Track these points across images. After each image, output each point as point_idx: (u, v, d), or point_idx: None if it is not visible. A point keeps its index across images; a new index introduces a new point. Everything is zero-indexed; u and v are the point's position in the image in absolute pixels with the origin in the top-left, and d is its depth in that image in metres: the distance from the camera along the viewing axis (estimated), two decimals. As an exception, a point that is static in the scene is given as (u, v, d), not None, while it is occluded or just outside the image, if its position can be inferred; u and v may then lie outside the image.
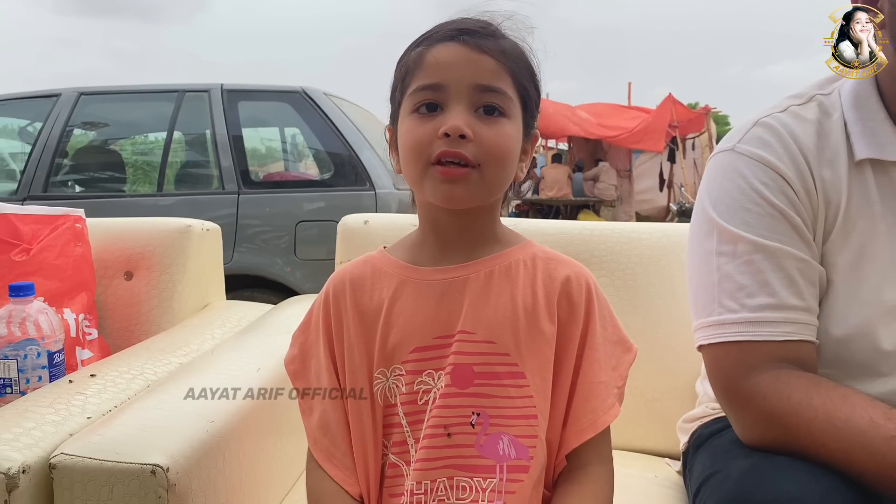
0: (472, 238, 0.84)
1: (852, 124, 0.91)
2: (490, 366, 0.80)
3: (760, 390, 0.84)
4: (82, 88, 3.61)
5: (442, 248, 0.84)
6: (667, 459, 1.28)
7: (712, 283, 0.90)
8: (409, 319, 0.82)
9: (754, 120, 0.95)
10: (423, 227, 0.86)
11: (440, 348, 0.81)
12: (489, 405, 0.80)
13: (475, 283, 0.82)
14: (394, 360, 0.82)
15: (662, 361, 1.31)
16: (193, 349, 1.33)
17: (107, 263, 1.56)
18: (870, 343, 0.87)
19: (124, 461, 0.83)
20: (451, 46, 0.78)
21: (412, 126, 0.78)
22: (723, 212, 0.91)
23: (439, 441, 0.79)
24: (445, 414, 0.79)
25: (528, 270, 0.84)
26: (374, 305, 0.84)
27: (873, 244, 0.88)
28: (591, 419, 0.81)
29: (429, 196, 0.79)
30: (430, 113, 0.77)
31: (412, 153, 0.78)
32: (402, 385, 0.81)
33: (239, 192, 3.30)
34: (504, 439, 0.80)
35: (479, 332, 0.81)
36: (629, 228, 1.41)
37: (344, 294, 0.86)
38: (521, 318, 0.81)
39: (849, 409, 0.78)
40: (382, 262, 0.87)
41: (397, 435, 0.82)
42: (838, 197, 0.89)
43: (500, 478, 0.79)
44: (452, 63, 0.77)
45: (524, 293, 0.82)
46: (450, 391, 0.80)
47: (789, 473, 0.77)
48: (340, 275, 0.88)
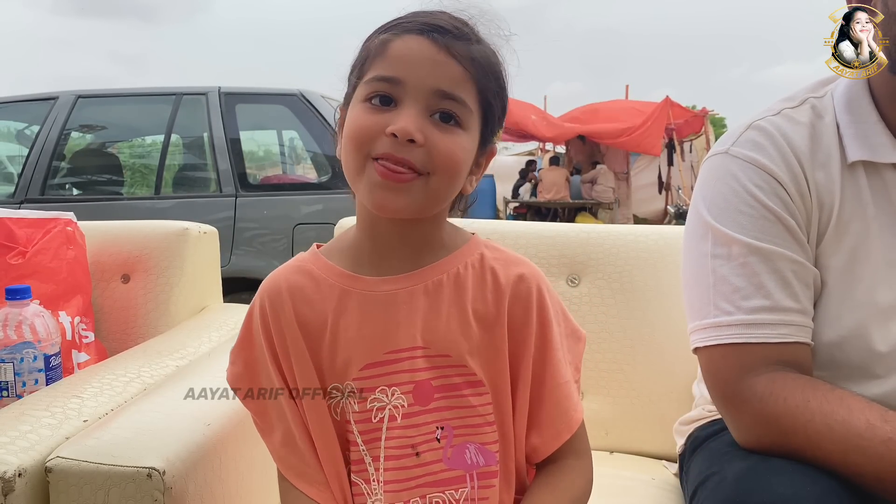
0: (415, 246, 0.80)
1: (845, 127, 0.91)
2: (448, 378, 0.78)
3: (757, 393, 0.84)
4: (80, 91, 3.61)
5: (382, 255, 0.79)
6: (664, 462, 1.28)
7: (707, 285, 0.90)
8: (356, 334, 0.78)
9: (748, 123, 0.95)
10: (361, 231, 0.80)
11: (392, 363, 0.77)
12: (452, 417, 0.78)
13: (424, 296, 0.78)
14: (344, 377, 0.78)
15: (659, 364, 1.31)
16: (190, 352, 1.33)
17: (104, 266, 1.56)
18: (864, 345, 0.88)
19: (120, 464, 0.83)
20: (418, 41, 0.72)
21: (360, 115, 0.72)
22: (717, 214, 0.91)
23: (408, 461, 0.78)
24: (411, 434, 0.78)
25: (477, 274, 0.80)
26: (317, 318, 0.78)
27: (866, 246, 0.89)
28: (565, 421, 0.81)
29: (363, 198, 0.74)
30: (383, 106, 0.72)
31: (353, 144, 0.72)
32: (354, 403, 0.78)
33: (236, 194, 3.30)
34: (471, 448, 0.78)
35: (433, 347, 0.78)
36: (625, 231, 1.41)
37: (281, 305, 0.79)
38: (473, 327, 0.78)
39: (846, 411, 0.78)
40: (320, 269, 0.80)
41: (354, 453, 0.79)
42: (831, 199, 0.90)
43: (471, 486, 0.79)
44: (416, 60, 0.72)
45: (475, 300, 0.79)
46: (412, 410, 0.77)
47: (785, 475, 0.77)
48: (275, 284, 0.80)
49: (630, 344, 1.33)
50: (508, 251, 0.84)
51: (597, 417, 1.33)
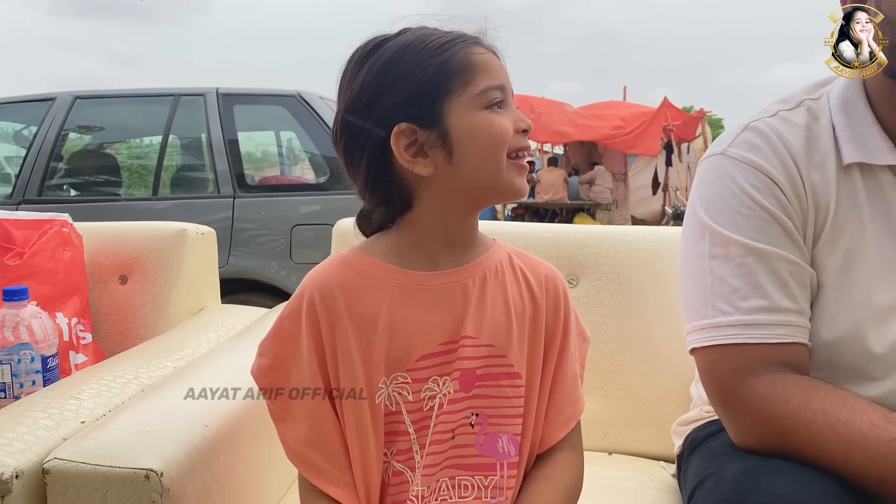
0: (467, 241, 0.85)
1: (840, 128, 0.92)
2: (489, 368, 0.83)
3: (758, 393, 0.84)
4: (77, 92, 3.60)
5: (437, 252, 0.83)
6: (661, 462, 1.28)
7: (705, 285, 0.90)
8: (413, 327, 0.81)
9: (744, 124, 0.95)
10: (421, 231, 0.83)
11: (445, 354, 0.81)
12: (487, 405, 0.83)
13: (473, 288, 0.83)
14: (398, 367, 0.81)
15: (657, 364, 1.32)
16: (188, 353, 1.33)
17: (101, 267, 1.56)
18: (860, 346, 0.88)
19: (118, 466, 0.82)
20: (483, 51, 0.80)
21: (496, 119, 0.78)
22: (714, 215, 0.91)
23: (445, 445, 0.81)
24: (454, 419, 0.81)
25: (512, 272, 0.86)
26: (369, 312, 0.81)
27: (862, 247, 0.89)
28: (572, 410, 0.88)
29: (505, 188, 0.80)
30: (500, 110, 0.79)
31: (501, 145, 0.78)
32: (409, 393, 0.81)
33: (234, 195, 3.29)
34: (503, 438, 0.83)
35: (481, 337, 0.82)
36: (623, 232, 1.41)
37: (334, 299, 0.81)
38: (514, 321, 0.84)
39: (848, 411, 0.78)
40: (368, 266, 0.83)
41: (402, 443, 0.81)
42: (827, 200, 0.90)
43: (500, 475, 0.83)
44: (499, 67, 0.81)
45: (514, 295, 0.85)
46: (456, 396, 0.81)
47: (784, 476, 0.77)
48: (323, 279, 0.83)
49: (628, 345, 1.33)
50: (527, 253, 0.91)
51: (595, 418, 1.33)
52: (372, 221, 0.86)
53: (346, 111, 0.80)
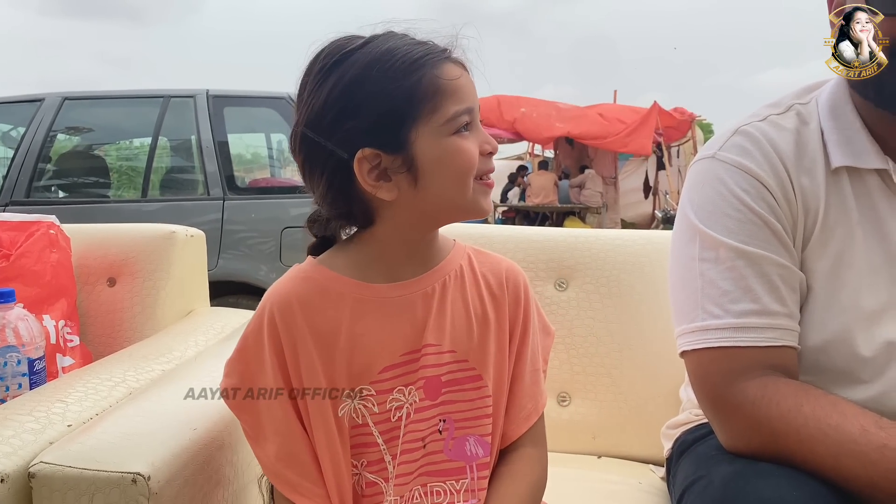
0: (427, 252, 0.85)
1: (829, 133, 0.92)
2: (453, 373, 0.84)
3: (748, 397, 0.84)
4: (66, 93, 3.58)
5: (398, 265, 0.83)
6: (651, 466, 1.28)
7: (695, 288, 0.91)
8: (374, 339, 0.81)
9: (734, 128, 0.96)
10: (382, 247, 0.83)
11: (409, 364, 0.82)
12: (454, 410, 0.84)
13: (433, 296, 0.83)
14: (361, 380, 0.81)
15: (646, 368, 1.32)
16: (176, 356, 1.32)
17: (89, 270, 1.55)
18: (848, 349, 0.88)
19: (104, 469, 0.82)
20: (453, 68, 0.78)
21: (465, 145, 0.77)
22: (704, 218, 0.91)
23: (417, 454, 0.82)
24: (422, 427, 0.82)
25: (471, 273, 0.87)
26: (329, 326, 0.81)
27: (851, 251, 0.89)
28: (533, 405, 0.89)
29: (471, 210, 0.80)
30: (468, 133, 0.78)
31: (468, 171, 0.78)
32: (374, 405, 0.82)
33: (224, 197, 3.28)
34: (470, 440, 0.84)
35: (443, 344, 0.83)
36: (613, 235, 1.41)
37: (293, 315, 0.81)
38: (474, 324, 0.85)
39: (839, 416, 0.78)
40: (328, 280, 0.82)
41: (373, 454, 0.82)
42: (816, 204, 0.90)
43: (471, 477, 0.84)
44: (467, 86, 0.79)
45: (473, 298, 0.86)
46: (423, 405, 0.82)
47: (772, 479, 0.77)
48: (282, 295, 0.82)
49: (617, 348, 1.33)
50: (487, 251, 0.91)
51: (584, 421, 1.33)
52: (327, 228, 0.85)
53: (308, 126, 0.78)
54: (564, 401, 1.36)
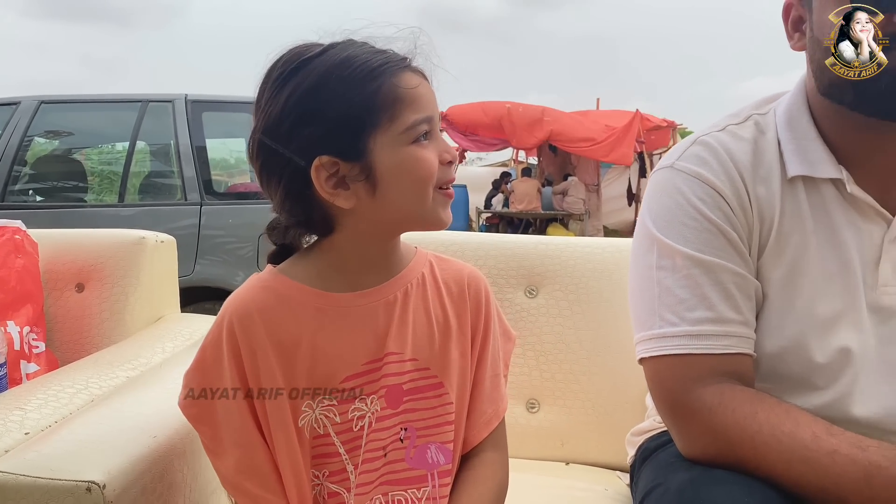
0: (389, 261, 0.85)
1: (785, 143, 0.93)
2: (415, 381, 0.84)
3: (705, 404, 0.84)
4: (43, 97, 3.55)
5: (359, 274, 0.83)
6: (618, 472, 1.28)
7: (653, 296, 0.91)
8: (336, 349, 0.81)
9: (694, 138, 0.97)
10: (342, 255, 0.82)
11: (371, 373, 0.82)
12: (416, 419, 0.84)
13: (394, 306, 0.83)
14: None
15: (614, 375, 1.32)
16: (142, 363, 1.31)
17: (57, 275, 1.54)
18: (804, 356, 0.89)
19: (59, 478, 0.80)
20: (413, 76, 0.77)
21: (424, 154, 0.77)
22: (662, 227, 0.92)
23: (378, 463, 0.82)
24: (383, 437, 0.82)
25: (433, 281, 0.87)
26: (290, 336, 0.80)
27: (805, 259, 0.90)
28: (494, 409, 0.89)
29: (430, 220, 0.80)
30: (427, 142, 0.78)
31: (427, 181, 0.77)
32: (336, 415, 0.81)
33: (202, 202, 3.27)
34: (431, 448, 0.84)
35: (405, 352, 0.83)
36: (583, 243, 1.42)
37: (252, 325, 0.79)
38: (436, 332, 0.85)
39: (792, 423, 0.79)
40: (288, 290, 0.81)
41: (335, 464, 0.81)
42: (772, 213, 0.91)
43: (432, 485, 0.84)
44: (426, 95, 0.78)
45: (435, 305, 0.86)
46: (384, 413, 0.82)
47: (725, 486, 0.77)
48: (241, 305, 0.81)
49: (586, 355, 1.34)
50: (448, 258, 0.91)
51: (553, 428, 1.34)
52: (287, 236, 0.84)
53: (265, 133, 0.77)
54: (534, 407, 1.36)
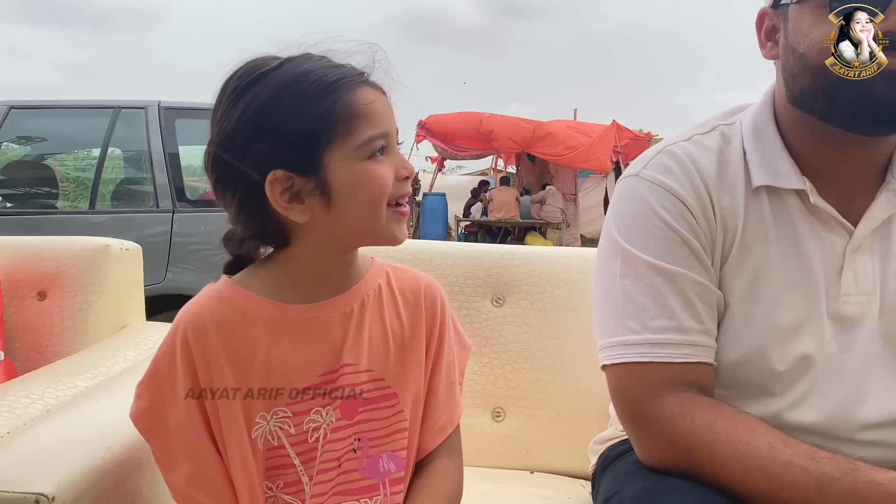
0: (345, 273, 0.85)
1: (751, 153, 0.94)
2: (369, 392, 0.84)
3: (665, 412, 0.85)
4: (12, 102, 3.51)
5: (315, 286, 0.83)
6: (581, 481, 1.28)
7: (616, 304, 0.92)
8: (291, 361, 0.80)
9: (660, 148, 0.98)
10: (299, 267, 0.82)
11: (325, 385, 0.81)
12: (369, 429, 0.84)
13: (352, 316, 0.83)
14: (277, 402, 0.80)
15: (578, 383, 1.33)
16: (102, 372, 1.29)
17: (18, 283, 1.51)
18: (764, 364, 0.90)
19: (6, 490, 0.79)
20: (370, 91, 0.77)
21: (379, 170, 0.76)
22: (626, 235, 0.93)
23: (332, 474, 0.82)
24: (338, 447, 0.82)
25: (388, 291, 0.87)
26: (245, 348, 0.79)
27: (767, 268, 0.91)
28: (448, 417, 0.90)
29: (384, 237, 0.79)
30: (383, 157, 0.77)
31: (381, 197, 0.77)
32: (290, 426, 0.80)
33: (174, 210, 3.24)
34: (383, 457, 0.84)
35: (360, 363, 0.83)
36: (549, 252, 1.42)
37: (207, 336, 0.79)
38: (391, 343, 0.85)
39: (750, 433, 0.80)
40: (244, 301, 0.81)
41: (289, 475, 0.81)
42: (735, 223, 0.92)
43: (384, 493, 0.84)
44: (383, 110, 0.78)
45: (391, 316, 0.86)
46: (340, 424, 0.82)
47: (681, 495, 0.78)
48: (196, 316, 0.80)
49: (551, 364, 1.34)
50: (404, 267, 0.91)
51: (518, 436, 1.33)
52: (242, 247, 0.84)
53: (220, 146, 0.76)
54: (499, 416, 1.36)
